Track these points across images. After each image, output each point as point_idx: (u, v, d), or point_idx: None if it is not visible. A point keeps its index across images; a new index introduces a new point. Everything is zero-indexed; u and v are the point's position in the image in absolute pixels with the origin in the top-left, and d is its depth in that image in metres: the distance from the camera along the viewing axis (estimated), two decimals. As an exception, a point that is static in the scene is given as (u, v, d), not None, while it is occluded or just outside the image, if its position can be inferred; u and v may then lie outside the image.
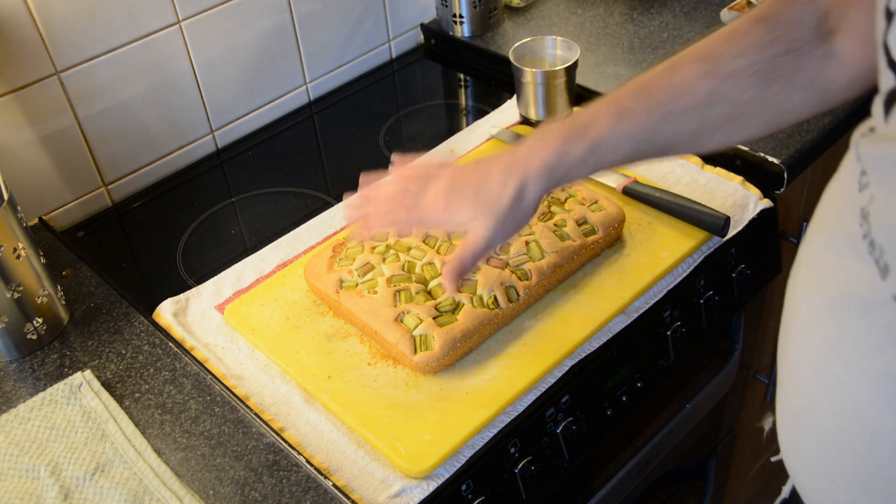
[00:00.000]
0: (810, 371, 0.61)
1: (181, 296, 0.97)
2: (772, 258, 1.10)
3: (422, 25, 1.44)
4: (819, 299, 0.61)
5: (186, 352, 0.90)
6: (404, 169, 0.80)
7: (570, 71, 1.13)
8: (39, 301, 0.90)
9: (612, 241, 0.96)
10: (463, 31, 1.39)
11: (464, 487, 0.79)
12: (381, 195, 0.80)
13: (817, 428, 0.62)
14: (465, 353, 0.85)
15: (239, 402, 0.84)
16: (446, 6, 1.38)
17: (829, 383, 0.59)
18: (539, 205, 0.75)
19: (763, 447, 1.63)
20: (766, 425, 1.50)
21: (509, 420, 0.81)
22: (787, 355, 0.66)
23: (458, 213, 0.75)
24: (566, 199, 0.97)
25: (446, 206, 0.76)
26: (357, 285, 0.89)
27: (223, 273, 1.00)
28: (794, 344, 0.65)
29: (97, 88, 1.09)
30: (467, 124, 1.25)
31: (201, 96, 1.21)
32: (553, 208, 0.96)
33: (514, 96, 1.20)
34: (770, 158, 1.05)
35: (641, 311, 0.91)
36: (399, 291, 0.87)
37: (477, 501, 0.80)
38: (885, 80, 0.52)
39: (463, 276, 0.77)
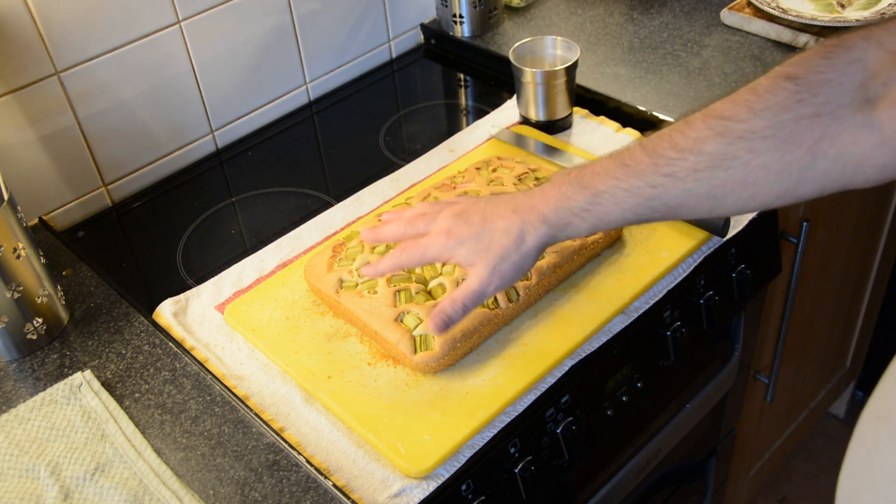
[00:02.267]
0: None
1: (181, 296, 0.97)
2: (772, 258, 1.10)
3: (422, 25, 1.44)
4: None
5: (186, 352, 0.90)
6: (425, 204, 0.81)
7: (570, 71, 1.13)
8: (39, 301, 0.90)
9: (612, 240, 0.96)
10: (463, 31, 1.39)
11: (464, 487, 0.79)
12: (397, 217, 0.81)
13: None
14: (465, 353, 0.85)
15: (239, 402, 0.84)
16: (446, 6, 1.38)
17: None
18: (540, 254, 0.74)
19: (763, 447, 1.63)
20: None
21: (509, 420, 0.81)
22: None
23: (459, 251, 0.75)
24: (566, 199, 0.97)
25: (447, 241, 0.76)
26: (357, 285, 0.89)
27: (223, 273, 1.00)
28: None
29: (97, 88, 1.09)
30: (467, 124, 1.25)
31: (201, 96, 1.21)
32: (553, 208, 0.96)
33: (514, 96, 1.20)
34: (770, 158, 1.05)
35: (641, 311, 0.92)
36: (399, 291, 0.87)
37: (477, 501, 0.80)
38: None
39: (453, 320, 0.76)
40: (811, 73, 0.59)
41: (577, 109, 1.20)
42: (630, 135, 1.14)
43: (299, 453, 0.79)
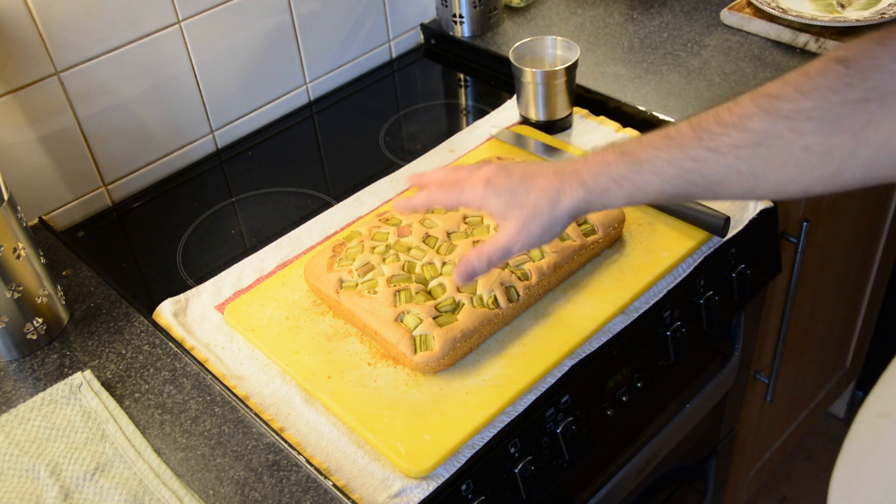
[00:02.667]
0: None
1: (181, 296, 0.97)
2: (772, 258, 1.10)
3: (422, 25, 1.44)
4: None
5: (186, 352, 0.90)
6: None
7: (570, 71, 1.13)
8: (39, 301, 0.90)
9: (612, 241, 0.96)
10: (463, 31, 1.39)
11: (464, 487, 0.79)
12: (435, 172, 0.82)
13: None
14: (465, 353, 0.85)
15: (239, 402, 0.84)
16: (446, 6, 1.38)
17: None
18: (573, 220, 0.74)
19: (763, 447, 1.63)
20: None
21: (509, 420, 0.81)
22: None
23: (494, 201, 0.75)
24: (566, 199, 0.97)
25: (485, 189, 0.76)
26: (357, 285, 0.89)
27: (223, 273, 1.00)
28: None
29: (97, 88, 1.09)
30: (467, 124, 1.25)
31: (201, 96, 1.21)
32: (553, 208, 0.96)
33: (514, 96, 1.20)
34: (770, 158, 1.05)
35: (641, 311, 0.92)
36: (399, 291, 0.87)
37: (477, 501, 0.80)
38: None
39: (477, 272, 0.77)
40: (863, 57, 0.59)
41: (577, 109, 1.20)
42: (630, 135, 1.14)
43: (299, 453, 0.79)
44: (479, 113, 1.28)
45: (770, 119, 0.62)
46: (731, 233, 0.99)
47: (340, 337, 0.89)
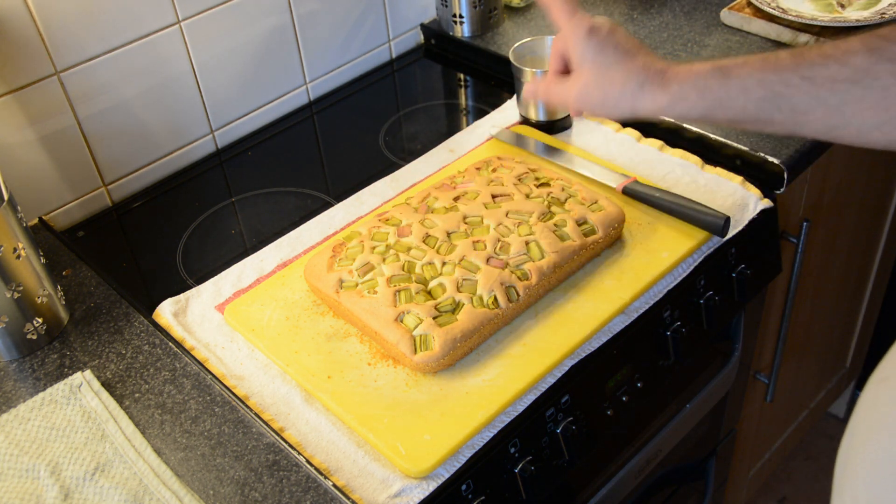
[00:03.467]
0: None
1: (181, 296, 0.97)
2: (772, 258, 1.10)
3: (422, 25, 1.44)
4: None
5: (186, 352, 0.90)
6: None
7: (570, 71, 1.13)
8: (39, 301, 0.90)
9: (612, 241, 0.96)
10: (463, 31, 1.39)
11: (464, 487, 0.79)
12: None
13: None
14: (465, 353, 0.85)
15: (239, 402, 0.84)
16: (446, 6, 1.38)
17: None
18: (642, 117, 0.75)
19: (763, 447, 1.63)
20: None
21: (509, 420, 0.81)
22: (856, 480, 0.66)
23: (581, 45, 0.76)
24: (566, 199, 0.97)
25: (586, 35, 0.77)
26: (357, 285, 0.89)
27: (223, 273, 1.00)
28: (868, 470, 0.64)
29: (97, 88, 1.09)
30: (467, 124, 1.25)
31: (201, 96, 1.21)
32: (553, 208, 0.96)
33: (514, 96, 1.20)
34: (770, 158, 1.05)
35: (641, 311, 0.92)
36: (399, 291, 0.87)
37: (477, 501, 0.80)
38: None
39: (536, 97, 0.82)
40: None
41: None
42: (630, 135, 1.14)
43: (299, 453, 0.79)
44: (479, 113, 1.28)
45: (873, 59, 0.61)
46: (731, 233, 0.99)
47: (340, 337, 0.89)
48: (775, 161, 1.05)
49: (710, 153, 1.10)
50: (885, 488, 0.66)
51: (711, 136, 1.10)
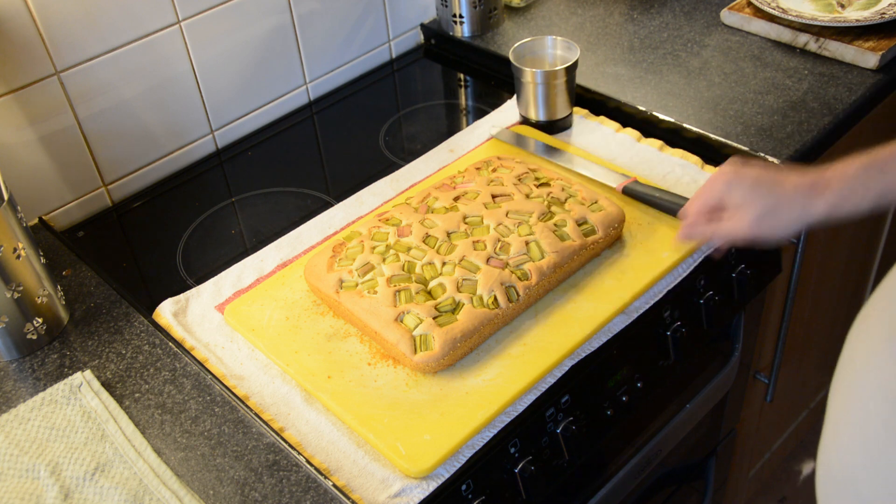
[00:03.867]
0: (858, 448, 0.61)
1: (181, 296, 0.97)
2: (772, 258, 1.10)
3: (422, 25, 1.44)
4: (881, 391, 0.62)
5: (186, 352, 0.90)
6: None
7: (570, 71, 1.13)
8: (39, 301, 0.90)
9: (612, 241, 0.96)
10: (463, 31, 1.39)
11: (464, 487, 0.79)
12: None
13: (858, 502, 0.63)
14: (465, 353, 0.85)
15: (239, 402, 0.84)
16: (446, 6, 1.38)
17: (878, 463, 0.59)
18: (818, 215, 0.78)
19: (763, 447, 1.63)
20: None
21: (509, 420, 0.81)
22: (837, 430, 0.68)
23: (736, 191, 0.81)
24: (566, 199, 0.97)
25: (728, 181, 0.82)
26: (357, 285, 0.89)
27: (223, 273, 1.00)
28: (845, 421, 0.67)
29: (97, 88, 1.09)
30: (467, 124, 1.25)
31: (201, 96, 1.21)
32: (553, 208, 0.96)
33: (514, 96, 1.20)
34: (770, 158, 1.05)
35: (641, 311, 0.91)
36: (399, 291, 0.87)
37: (477, 501, 0.80)
38: None
39: (693, 238, 0.86)
40: None
41: (577, 109, 1.20)
42: (630, 135, 1.14)
43: (299, 453, 0.79)
44: (479, 113, 1.28)
45: None
46: (731, 233, 0.99)
47: (340, 337, 0.89)
48: (775, 161, 1.05)
49: (710, 153, 1.10)
50: (857, 425, 0.67)
51: (711, 136, 1.10)
